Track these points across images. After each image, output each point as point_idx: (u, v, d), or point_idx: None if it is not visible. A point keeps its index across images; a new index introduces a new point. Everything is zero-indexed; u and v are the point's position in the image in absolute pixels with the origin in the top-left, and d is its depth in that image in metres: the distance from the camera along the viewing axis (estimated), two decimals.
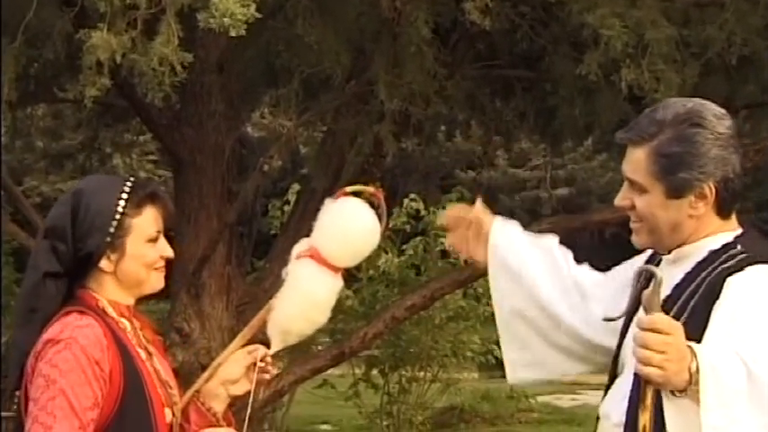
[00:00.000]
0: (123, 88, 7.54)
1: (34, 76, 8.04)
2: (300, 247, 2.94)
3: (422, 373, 12.49)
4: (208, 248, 8.00)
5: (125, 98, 8.48)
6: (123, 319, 2.90)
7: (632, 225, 2.75)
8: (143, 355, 2.89)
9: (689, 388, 2.31)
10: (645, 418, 2.36)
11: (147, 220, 2.88)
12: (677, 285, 2.64)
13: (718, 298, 2.51)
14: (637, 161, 2.66)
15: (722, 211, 2.66)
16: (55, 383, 2.70)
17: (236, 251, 9.01)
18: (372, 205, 2.95)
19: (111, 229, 2.83)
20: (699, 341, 2.45)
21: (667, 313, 2.55)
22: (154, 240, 2.89)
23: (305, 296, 2.89)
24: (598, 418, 2.82)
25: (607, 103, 7.03)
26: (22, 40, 6.10)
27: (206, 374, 2.98)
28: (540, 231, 8.19)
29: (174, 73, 5.59)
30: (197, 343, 8.30)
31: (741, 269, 2.55)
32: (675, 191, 2.62)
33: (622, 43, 6.05)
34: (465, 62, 8.03)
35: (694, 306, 2.55)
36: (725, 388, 2.30)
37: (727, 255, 2.60)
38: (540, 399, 15.46)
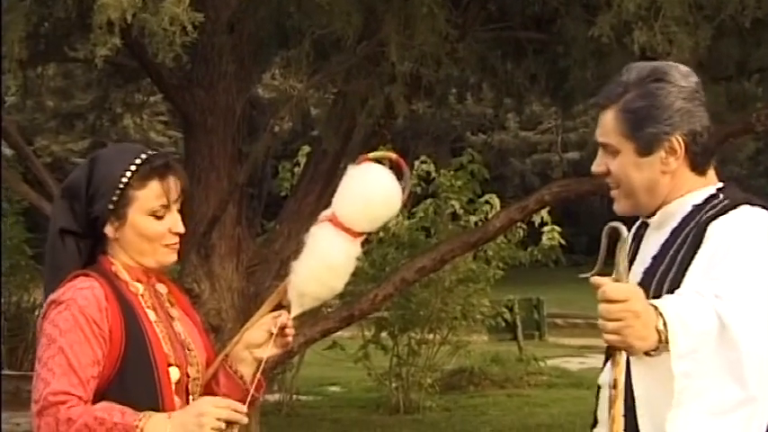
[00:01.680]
0: (134, 48, 7.53)
1: (44, 35, 8.03)
2: (324, 212, 2.93)
3: (431, 336, 12.52)
4: (218, 209, 8.01)
5: (136, 58, 8.47)
6: (137, 283, 2.96)
7: (612, 193, 2.77)
8: (153, 316, 2.94)
9: (660, 347, 2.33)
10: (616, 372, 2.38)
11: (151, 194, 2.92)
12: (664, 243, 2.66)
13: (701, 245, 2.53)
14: (606, 123, 2.70)
15: (696, 166, 2.67)
16: (55, 342, 2.79)
17: (246, 212, 9.03)
18: (394, 171, 2.93)
19: (114, 198, 2.89)
20: None
21: (656, 271, 2.61)
22: (158, 215, 2.93)
23: (320, 259, 2.88)
24: (599, 388, 2.83)
25: (619, 66, 6.90)
26: None
27: (235, 340, 3.02)
28: (552, 194, 8.27)
29: (185, 33, 5.59)
30: (207, 304, 8.32)
31: (725, 212, 2.57)
32: (645, 147, 2.64)
33: (635, 5, 6.02)
34: (476, 24, 8.00)
35: (681, 259, 2.56)
36: (692, 333, 2.31)
37: (711, 204, 2.62)
38: (550, 362, 15.51)
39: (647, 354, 2.35)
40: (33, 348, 12.36)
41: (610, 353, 2.44)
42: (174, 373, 2.92)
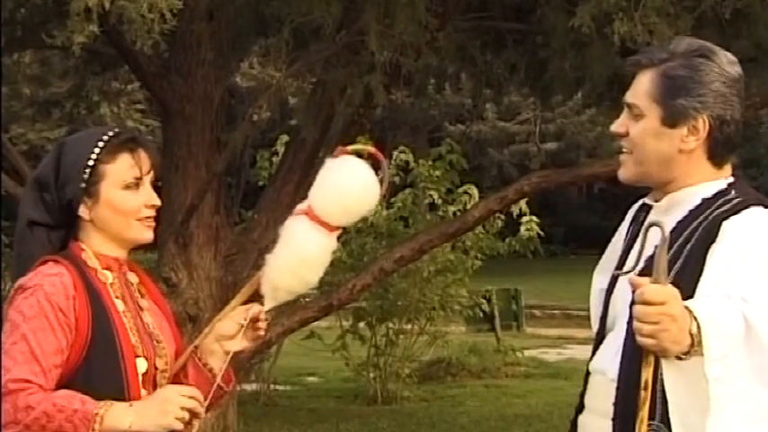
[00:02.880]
0: (111, 35, 7.50)
1: (21, 21, 7.97)
2: (300, 205, 2.90)
3: (409, 326, 12.52)
4: (196, 198, 7.98)
5: (113, 46, 8.43)
6: (107, 271, 2.91)
7: (621, 157, 2.73)
8: (121, 306, 2.90)
9: (692, 350, 2.32)
10: (647, 373, 2.37)
11: (122, 167, 2.88)
12: (670, 233, 2.60)
13: (713, 242, 2.51)
14: (640, 85, 2.67)
15: (714, 155, 2.65)
16: (18, 328, 2.74)
17: (224, 201, 9.01)
18: (373, 165, 2.89)
19: (85, 176, 2.86)
20: (695, 286, 2.46)
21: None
22: (132, 187, 2.89)
23: (295, 252, 2.85)
24: (588, 374, 2.82)
25: (599, 57, 7.00)
26: None
27: (205, 331, 2.99)
28: (531, 184, 8.28)
29: (164, 20, 5.55)
30: (184, 293, 8.30)
31: (737, 212, 2.55)
32: (671, 117, 2.62)
33: None
34: (456, 13, 7.98)
35: (689, 252, 2.55)
36: (723, 336, 2.31)
37: (722, 200, 2.59)
38: (527, 353, 15.55)
39: (678, 357, 2.35)
40: None
41: (642, 354, 2.40)
42: (142, 365, 2.88)
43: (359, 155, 2.90)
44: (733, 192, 2.61)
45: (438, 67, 9.34)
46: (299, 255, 2.85)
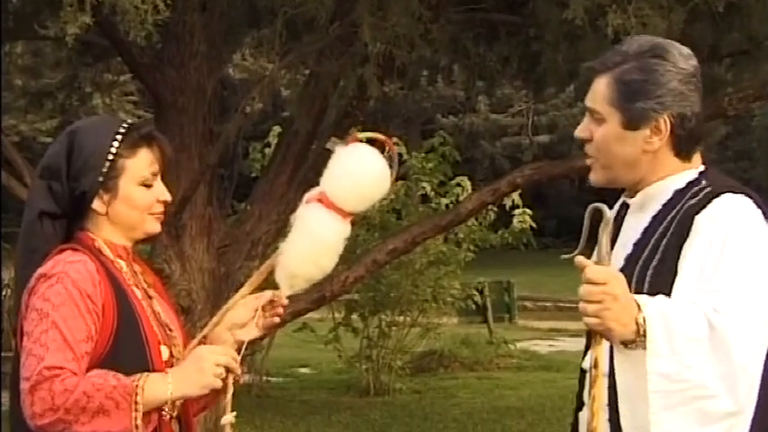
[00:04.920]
0: (104, 26, 7.47)
1: (13, 12, 7.96)
2: (311, 192, 2.90)
3: (402, 318, 12.53)
4: (189, 189, 7.97)
5: (106, 37, 8.41)
6: (119, 260, 2.90)
7: (588, 162, 2.73)
8: (139, 294, 2.90)
9: (638, 339, 2.32)
10: (596, 352, 2.38)
11: (142, 163, 2.87)
12: (646, 229, 2.62)
13: (687, 237, 2.50)
14: (598, 89, 2.66)
15: (679, 150, 2.63)
16: (47, 316, 2.69)
17: (217, 193, 9.00)
18: (383, 153, 2.90)
19: (104, 169, 2.82)
20: (671, 283, 2.46)
21: (638, 258, 2.58)
22: (148, 184, 2.88)
23: (313, 240, 2.85)
24: (583, 372, 2.81)
25: (592, 50, 6.98)
26: None
27: (215, 319, 2.97)
28: (524, 176, 8.28)
29: (157, 11, 5.54)
30: (177, 284, 8.29)
31: (709, 202, 2.52)
32: (631, 121, 2.60)
33: None
34: (449, 5, 7.97)
35: (665, 248, 2.53)
36: (678, 336, 2.30)
37: (693, 191, 2.58)
38: (519, 345, 15.57)
39: (625, 345, 2.35)
40: (5, 329, 12.31)
41: (591, 335, 2.43)
42: (165, 352, 2.87)
43: (370, 142, 2.92)
44: (703, 181, 2.59)
45: (431, 59, 9.33)
46: (318, 242, 2.86)
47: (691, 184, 2.60)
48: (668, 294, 2.43)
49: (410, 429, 10.05)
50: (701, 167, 2.65)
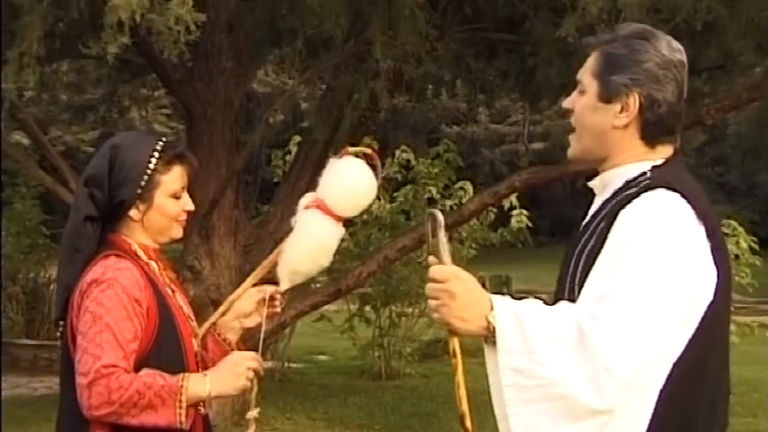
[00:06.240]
0: (141, 46, 7.50)
1: (60, 34, 7.98)
2: (306, 199, 3.01)
3: (410, 309, 12.49)
4: (217, 193, 7.99)
5: (143, 55, 8.44)
6: (152, 261, 2.99)
7: (569, 137, 2.63)
8: (170, 292, 2.99)
9: (489, 336, 2.29)
10: (453, 342, 2.41)
11: (174, 178, 2.97)
12: (594, 214, 2.52)
13: (610, 230, 2.39)
14: (587, 63, 2.57)
15: (645, 135, 2.49)
16: (101, 319, 2.79)
17: (242, 197, 9.02)
18: (370, 163, 3.00)
19: (143, 183, 2.92)
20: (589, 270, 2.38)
21: (580, 239, 2.48)
22: (177, 196, 2.98)
23: (313, 241, 2.96)
24: None
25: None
26: (49, 1, 6.05)
27: (222, 309, 3.08)
28: (522, 180, 8.27)
29: (189, 32, 5.56)
30: (207, 280, 8.32)
31: (635, 198, 2.39)
32: (606, 93, 2.49)
33: (598, 8, 6.02)
34: (453, 25, 7.98)
35: (597, 236, 2.42)
36: (535, 336, 2.24)
37: (634, 183, 2.45)
38: None
39: (485, 341, 2.31)
40: (49, 320, 12.35)
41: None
42: (195, 345, 2.98)
43: (358, 156, 3.00)
44: (649, 173, 2.46)
45: (436, 74, 9.34)
46: (317, 244, 2.96)
47: (641, 175, 2.47)
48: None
49: (418, 410, 10.03)
50: (660, 161, 2.51)
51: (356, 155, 3.01)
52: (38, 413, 9.02)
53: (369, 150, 3.07)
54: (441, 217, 2.41)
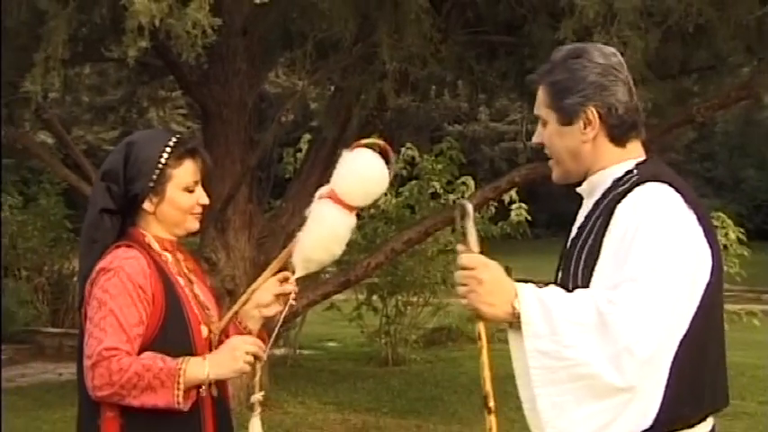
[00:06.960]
0: (159, 49, 7.49)
1: (83, 38, 7.98)
2: (321, 190, 2.95)
3: (416, 298, 12.48)
4: (232, 189, 7.99)
5: (161, 58, 8.43)
6: (166, 252, 2.98)
7: (549, 164, 2.66)
8: (182, 281, 2.97)
9: (516, 322, 2.30)
10: (479, 326, 2.41)
11: (186, 172, 2.95)
12: (587, 215, 2.54)
13: (609, 224, 2.42)
14: (538, 97, 2.59)
15: (614, 137, 2.52)
16: (106, 305, 2.79)
17: (256, 192, 9.02)
18: (382, 155, 2.95)
19: (154, 176, 2.90)
20: (593, 267, 2.40)
21: (578, 241, 2.50)
22: (190, 189, 2.96)
23: (326, 230, 2.91)
24: None
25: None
26: (73, 6, 6.04)
27: (243, 299, 3.04)
28: (521, 175, 8.26)
29: (205, 36, 5.55)
30: (223, 271, 8.32)
31: (629, 192, 2.43)
32: (565, 117, 2.52)
33: (594, 12, 5.99)
34: (456, 28, 7.96)
35: (595, 233, 2.45)
36: (559, 320, 2.26)
37: (623, 180, 2.48)
38: None
39: (510, 326, 2.33)
40: (73, 309, 12.38)
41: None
42: (204, 331, 2.95)
43: (371, 147, 2.95)
44: (635, 171, 2.49)
45: (439, 75, 9.31)
46: (329, 232, 2.91)
47: (628, 173, 2.49)
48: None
49: (423, 394, 10.03)
50: (641, 158, 2.54)
51: (368, 146, 2.96)
52: (64, 398, 9.04)
53: (381, 142, 3.01)
54: (470, 207, 2.40)
